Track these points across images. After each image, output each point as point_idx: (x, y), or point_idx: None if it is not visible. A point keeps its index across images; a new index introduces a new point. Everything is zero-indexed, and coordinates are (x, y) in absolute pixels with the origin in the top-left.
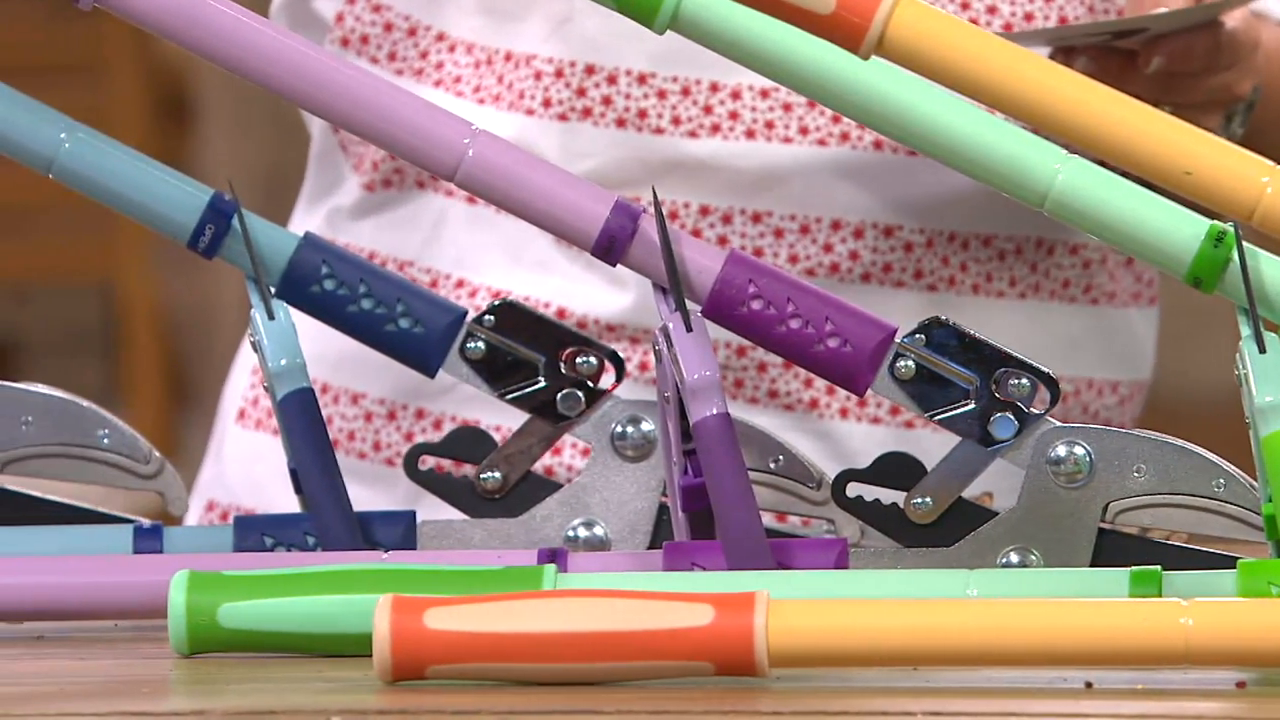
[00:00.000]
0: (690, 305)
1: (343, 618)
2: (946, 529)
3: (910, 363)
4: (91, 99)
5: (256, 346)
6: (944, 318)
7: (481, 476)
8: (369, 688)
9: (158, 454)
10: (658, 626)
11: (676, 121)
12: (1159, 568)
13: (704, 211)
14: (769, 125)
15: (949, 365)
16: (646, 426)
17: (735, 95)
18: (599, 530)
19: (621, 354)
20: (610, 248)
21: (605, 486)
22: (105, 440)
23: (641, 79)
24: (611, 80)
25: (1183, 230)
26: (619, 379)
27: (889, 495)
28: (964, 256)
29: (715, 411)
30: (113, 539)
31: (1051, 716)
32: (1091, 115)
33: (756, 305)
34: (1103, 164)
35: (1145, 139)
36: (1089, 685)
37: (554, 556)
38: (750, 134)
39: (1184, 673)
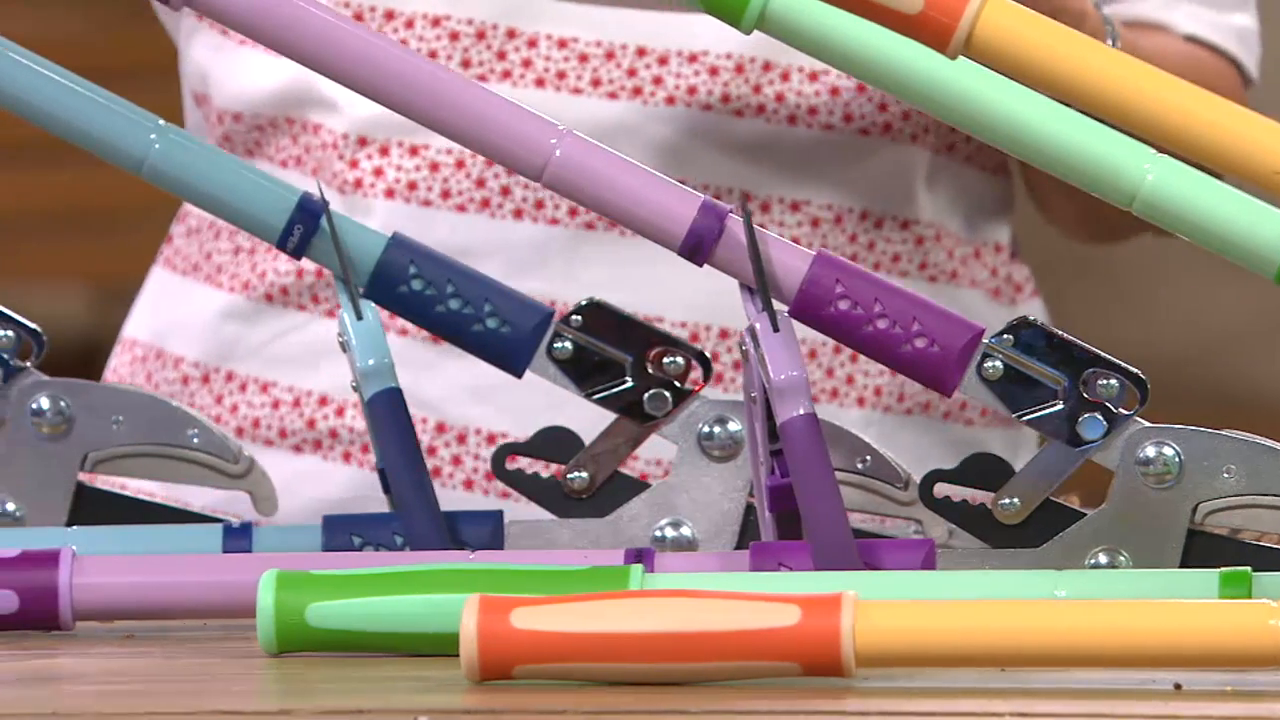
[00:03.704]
0: (777, 305)
1: (430, 617)
2: (1034, 530)
3: (998, 363)
4: (168, 99)
5: (344, 346)
6: (1031, 318)
7: (569, 476)
8: (456, 687)
9: (247, 454)
10: (744, 627)
11: (466, 65)
12: (1249, 569)
13: (489, 161)
14: (560, 75)
15: (1037, 366)
16: (733, 427)
17: (532, 43)
18: (686, 530)
19: None
20: (697, 248)
21: (692, 487)
22: (195, 440)
23: (436, 21)
24: (409, 24)
25: (1272, 229)
26: (706, 379)
27: (977, 496)
28: (764, 219)
29: (802, 412)
30: (202, 538)
31: (1140, 718)
32: (1180, 114)
33: (844, 305)
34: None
35: (1234, 138)
36: (1178, 687)
37: (640, 556)
38: (540, 82)
39: (1274, 675)
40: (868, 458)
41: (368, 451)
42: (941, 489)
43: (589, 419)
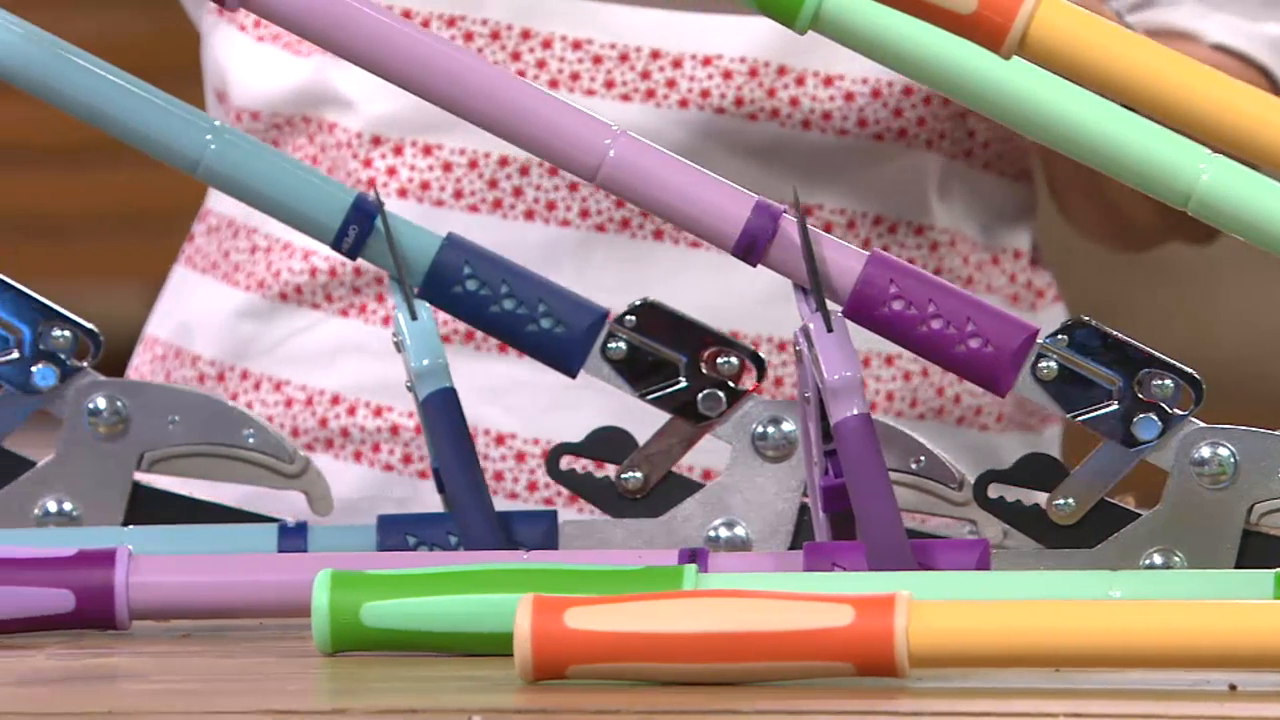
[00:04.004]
0: (831, 306)
1: (484, 617)
2: (1089, 530)
3: (1053, 363)
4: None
5: (399, 346)
6: (1086, 318)
7: (623, 476)
8: (509, 687)
9: (302, 454)
10: (798, 627)
11: None
12: None
13: (503, 162)
14: (574, 76)
15: (1092, 366)
16: (787, 427)
17: (546, 44)
18: (740, 530)
19: None
20: (751, 248)
21: (746, 487)
22: (251, 440)
23: (451, 21)
24: (425, 24)
25: None
26: (760, 379)
27: (1031, 496)
28: None
29: (856, 412)
30: (258, 538)
31: (1194, 719)
32: (1236, 114)
33: (898, 305)
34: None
35: None
36: (1233, 688)
37: (694, 556)
38: (553, 84)
39: None
40: (922, 458)
41: (379, 451)
42: (996, 489)
43: (590, 419)
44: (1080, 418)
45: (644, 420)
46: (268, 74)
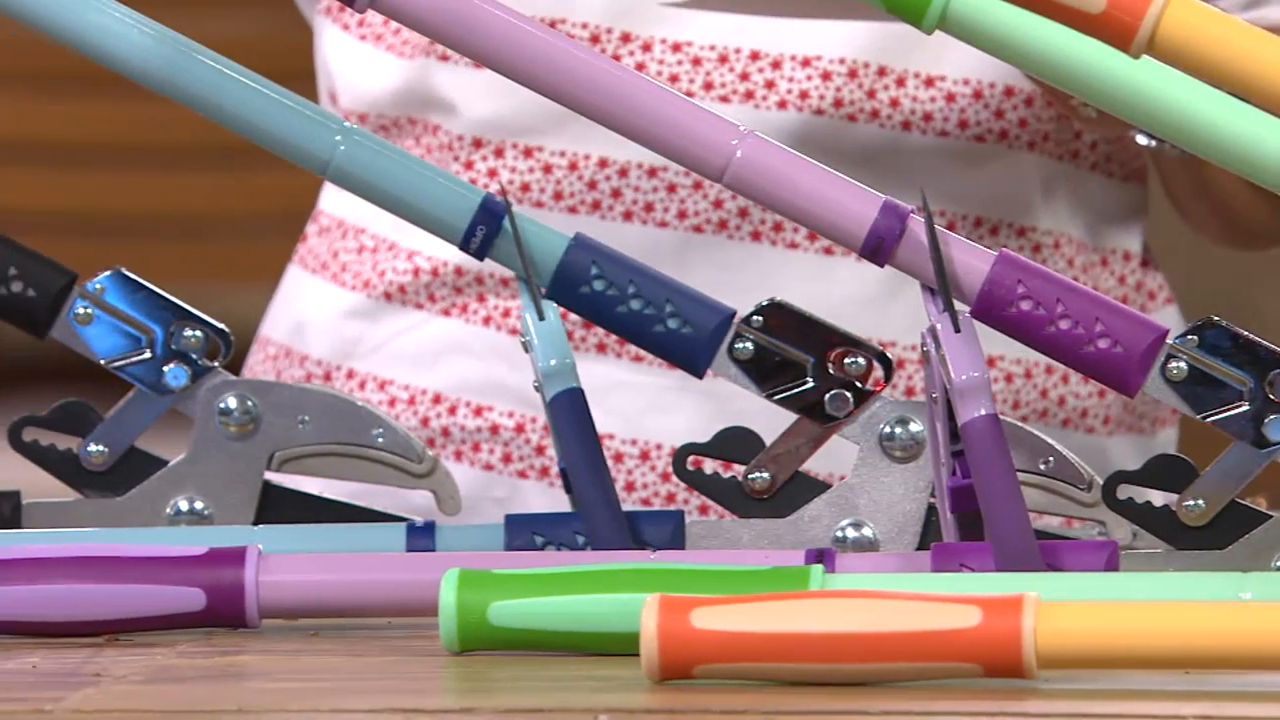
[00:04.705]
0: (958, 306)
1: (610, 617)
2: (1220, 531)
3: (1183, 364)
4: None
5: (527, 347)
6: (1216, 318)
7: (750, 477)
8: (636, 686)
9: (431, 453)
10: (925, 628)
11: None
12: None
13: (602, 164)
14: (673, 79)
15: (1222, 367)
16: (915, 427)
17: (646, 48)
18: (867, 531)
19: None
20: (878, 249)
21: (874, 487)
22: (380, 439)
23: (552, 25)
24: None
25: None
26: (888, 379)
27: (1161, 497)
28: None
29: (984, 412)
30: (386, 537)
31: None
32: None
33: (1026, 306)
34: None
35: None
36: None
37: (821, 557)
38: None
39: None
40: (1050, 459)
41: (479, 450)
42: (1125, 490)
43: (687, 421)
44: (1210, 418)
45: (741, 423)
46: (372, 76)
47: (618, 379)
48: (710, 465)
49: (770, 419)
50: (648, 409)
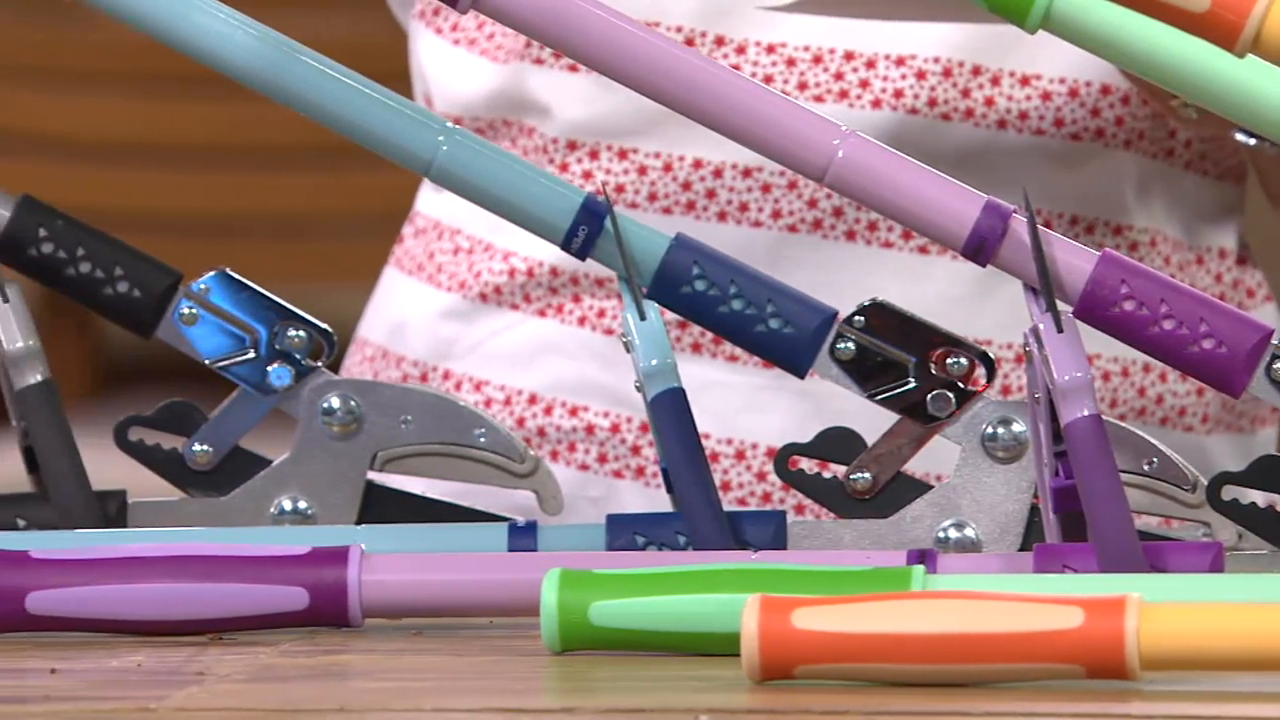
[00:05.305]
0: (1061, 306)
1: (711, 617)
2: None
3: None
4: None
5: (628, 347)
6: None
7: (851, 477)
8: (737, 687)
9: (533, 454)
10: (1027, 629)
11: None
12: None
13: (697, 165)
14: (767, 80)
15: None
16: (1017, 428)
17: (740, 50)
18: (970, 532)
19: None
20: (980, 249)
21: (976, 488)
22: (482, 439)
23: (679, 29)
24: None
25: None
26: (990, 380)
27: (1263, 498)
28: None
29: (1087, 413)
30: (488, 537)
31: None
32: None
33: (1129, 306)
34: None
35: None
36: None
37: (923, 558)
38: None
39: None
40: (1154, 459)
41: (574, 450)
42: (1230, 491)
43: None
44: None
45: (835, 422)
46: (467, 80)
47: (712, 379)
48: (804, 464)
49: (865, 418)
50: (743, 408)
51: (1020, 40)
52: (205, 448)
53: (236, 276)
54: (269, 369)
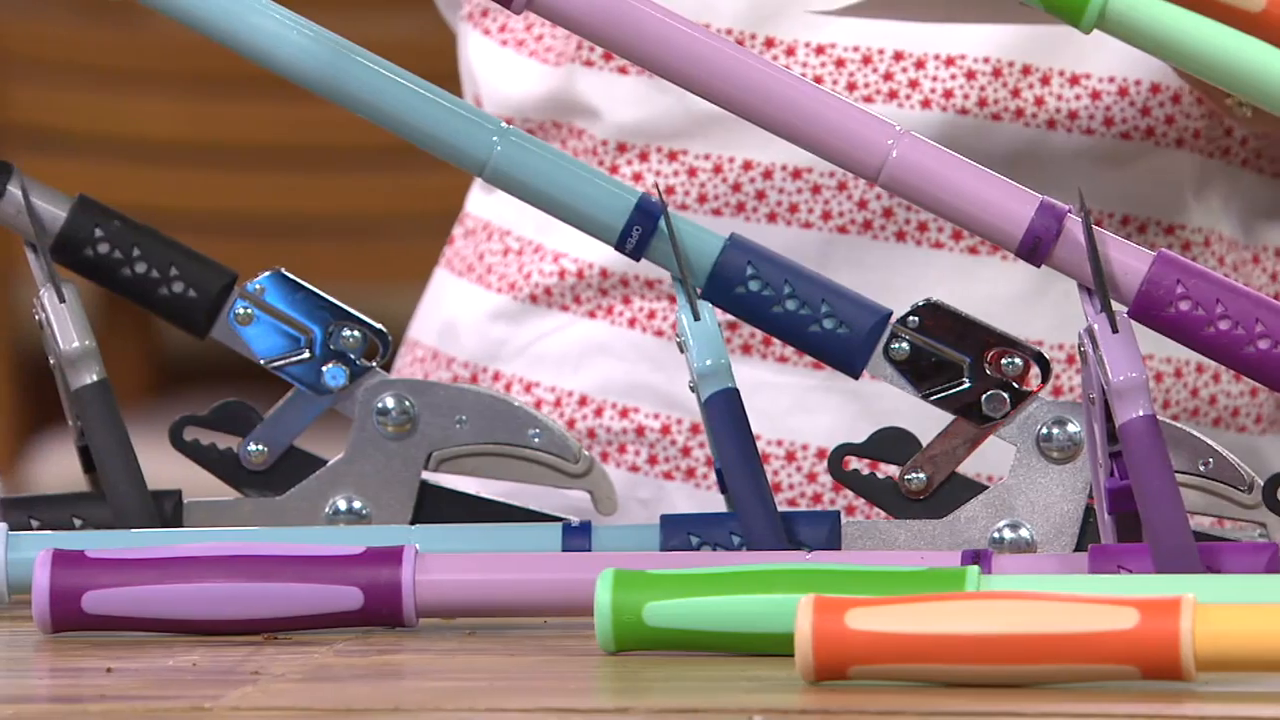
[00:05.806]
0: (1116, 306)
1: (765, 617)
2: None
3: None
4: None
5: (682, 347)
6: None
7: (906, 477)
8: (791, 687)
9: (587, 454)
10: (1081, 629)
11: None
12: None
13: (746, 166)
14: (816, 80)
15: None
16: (1072, 428)
17: (790, 51)
18: (1024, 532)
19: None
20: (1035, 249)
21: (1030, 488)
22: (536, 440)
23: (729, 31)
24: None
25: None
26: (1045, 380)
27: None
28: None
29: (1142, 413)
30: (542, 536)
31: None
32: None
33: (1184, 306)
34: None
35: None
36: None
37: (978, 558)
38: None
39: None
40: (1210, 460)
41: (625, 452)
42: None
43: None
44: None
45: (885, 422)
46: (516, 82)
47: (762, 379)
48: (854, 464)
49: (913, 419)
50: (793, 409)
51: (1069, 39)
52: (260, 447)
53: (291, 276)
54: (324, 369)
